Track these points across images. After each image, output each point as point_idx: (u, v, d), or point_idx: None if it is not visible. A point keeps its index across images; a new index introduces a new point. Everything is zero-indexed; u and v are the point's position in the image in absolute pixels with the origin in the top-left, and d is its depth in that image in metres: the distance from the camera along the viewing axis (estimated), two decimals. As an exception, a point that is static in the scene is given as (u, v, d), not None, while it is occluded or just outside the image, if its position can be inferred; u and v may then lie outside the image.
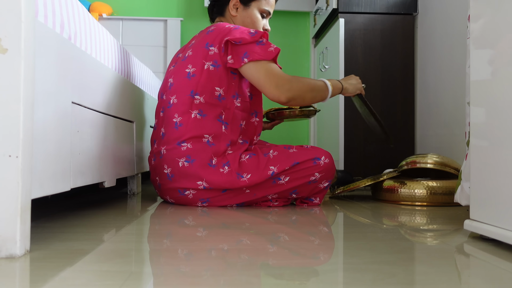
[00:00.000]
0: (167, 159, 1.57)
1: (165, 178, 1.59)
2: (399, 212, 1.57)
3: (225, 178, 1.53)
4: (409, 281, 0.75)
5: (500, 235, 0.96)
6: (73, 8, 1.23)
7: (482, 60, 1.05)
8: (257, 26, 1.77)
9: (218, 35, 1.61)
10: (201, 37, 1.66)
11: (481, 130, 1.05)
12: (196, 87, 1.59)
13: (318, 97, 1.65)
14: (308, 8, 3.41)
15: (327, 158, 1.62)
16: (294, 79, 1.59)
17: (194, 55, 1.62)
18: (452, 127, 2.19)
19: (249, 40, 1.55)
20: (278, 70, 1.58)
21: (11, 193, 0.82)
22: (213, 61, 1.59)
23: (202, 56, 1.60)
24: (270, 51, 1.57)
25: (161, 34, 3.41)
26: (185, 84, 1.60)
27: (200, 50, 1.62)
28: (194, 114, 1.57)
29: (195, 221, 1.29)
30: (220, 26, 1.64)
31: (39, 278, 0.72)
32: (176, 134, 1.57)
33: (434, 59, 2.40)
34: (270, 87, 1.56)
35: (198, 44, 1.64)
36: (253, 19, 1.76)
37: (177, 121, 1.58)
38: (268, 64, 1.57)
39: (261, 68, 1.56)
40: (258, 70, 1.56)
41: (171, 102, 1.62)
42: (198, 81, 1.59)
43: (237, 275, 0.75)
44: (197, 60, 1.61)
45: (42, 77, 0.97)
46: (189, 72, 1.61)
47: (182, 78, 1.62)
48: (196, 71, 1.60)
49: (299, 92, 1.58)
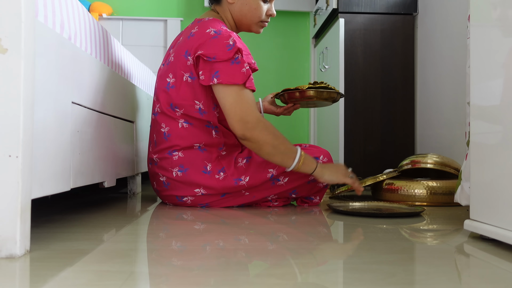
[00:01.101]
0: (161, 168, 1.56)
1: (162, 186, 1.58)
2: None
3: (222, 184, 1.52)
4: (409, 281, 0.75)
5: (500, 235, 0.96)
6: (73, 8, 1.23)
7: (482, 60, 1.05)
8: (259, 14, 1.60)
9: (195, 42, 1.49)
10: (183, 41, 1.55)
11: (481, 130, 1.05)
12: (174, 101, 1.51)
13: (277, 157, 1.45)
14: (308, 8, 3.41)
15: (325, 157, 1.61)
16: (262, 123, 1.44)
17: (175, 63, 1.53)
18: (452, 127, 2.19)
19: (223, 58, 1.42)
20: (248, 102, 1.44)
21: (11, 193, 0.82)
22: (189, 73, 1.50)
23: (181, 66, 1.51)
24: (242, 73, 1.43)
25: (161, 34, 3.41)
26: (164, 96, 1.54)
27: (180, 59, 1.52)
28: (180, 123, 1.52)
29: (195, 221, 1.29)
30: (201, 29, 1.51)
31: (39, 278, 0.72)
32: (166, 144, 1.54)
33: (434, 59, 2.40)
34: (234, 119, 1.43)
35: (179, 49, 1.54)
36: (252, 6, 1.59)
37: (165, 131, 1.54)
38: (240, 92, 1.44)
39: (230, 93, 1.44)
40: (227, 95, 1.44)
41: (156, 110, 1.57)
42: (177, 94, 1.51)
43: (237, 274, 0.75)
44: (177, 70, 1.52)
45: (42, 77, 0.97)
46: (168, 82, 1.53)
47: (163, 87, 1.55)
48: (176, 82, 1.52)
49: (260, 138, 1.43)
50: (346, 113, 2.57)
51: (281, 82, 3.53)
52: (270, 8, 1.64)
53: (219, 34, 1.47)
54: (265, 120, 1.47)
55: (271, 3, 1.64)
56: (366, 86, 2.59)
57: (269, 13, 1.64)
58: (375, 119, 2.58)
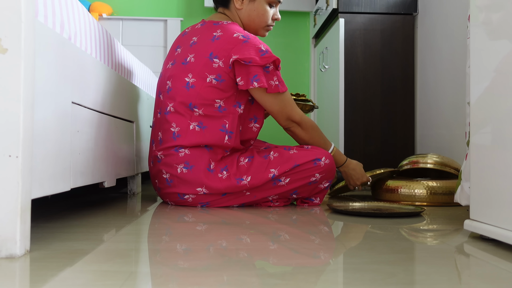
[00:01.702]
0: (165, 165, 1.55)
1: (164, 183, 1.58)
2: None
3: (225, 183, 1.52)
4: (409, 281, 0.75)
5: (500, 235, 0.96)
6: (73, 8, 1.23)
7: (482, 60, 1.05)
8: (266, 19, 1.66)
9: (224, 45, 1.52)
10: (206, 43, 1.56)
11: (481, 130, 1.05)
12: (195, 100, 1.52)
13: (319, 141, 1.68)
14: (308, 8, 3.42)
15: (327, 158, 1.61)
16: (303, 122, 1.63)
17: (196, 64, 1.54)
18: (452, 127, 2.19)
19: (259, 63, 1.50)
20: (291, 105, 1.61)
21: (11, 193, 0.82)
22: (216, 75, 1.52)
23: (205, 68, 1.52)
24: (275, 86, 1.55)
25: (161, 34, 3.41)
26: (184, 95, 1.54)
27: (203, 60, 1.53)
28: (193, 126, 1.52)
29: (195, 220, 1.29)
30: (227, 33, 1.54)
31: (39, 278, 0.72)
32: (173, 143, 1.53)
33: (434, 59, 2.40)
34: (282, 118, 1.62)
35: (201, 50, 1.55)
36: (260, 12, 1.65)
37: (175, 131, 1.53)
38: (280, 98, 1.58)
39: (274, 100, 1.57)
40: (272, 103, 1.58)
41: (168, 109, 1.56)
42: (198, 93, 1.52)
43: (237, 274, 0.75)
44: (199, 71, 1.53)
45: (42, 77, 0.97)
46: (188, 82, 1.53)
47: (180, 86, 1.55)
48: (196, 82, 1.52)
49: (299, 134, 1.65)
50: (346, 113, 2.57)
51: (281, 82, 3.53)
52: (276, 13, 1.70)
53: (248, 38, 1.54)
54: (306, 119, 1.65)
55: (276, 8, 1.70)
56: (366, 86, 2.59)
57: (275, 18, 1.70)
58: (375, 119, 2.58)
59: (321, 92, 3.11)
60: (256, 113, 1.64)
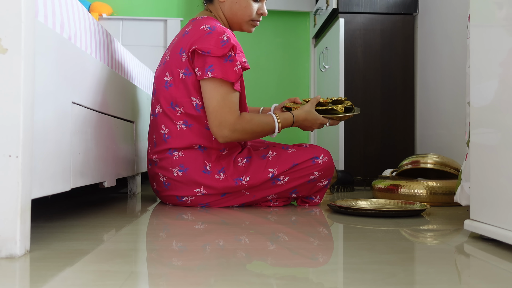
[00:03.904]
0: (161, 168, 1.56)
1: (162, 186, 1.58)
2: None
3: (222, 184, 1.52)
4: (409, 281, 0.75)
5: (500, 235, 0.96)
6: (73, 8, 1.23)
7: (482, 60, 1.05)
8: (249, 13, 1.61)
9: (190, 39, 1.51)
10: (178, 39, 1.57)
11: (481, 130, 1.05)
12: (174, 99, 1.53)
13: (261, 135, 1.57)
14: (308, 8, 3.41)
15: (325, 156, 1.61)
16: (239, 125, 1.48)
17: (170, 61, 1.55)
18: (452, 127, 2.19)
19: (217, 53, 1.44)
20: (230, 107, 1.48)
21: (11, 193, 0.82)
22: (184, 69, 1.51)
23: (176, 64, 1.53)
24: (234, 72, 1.46)
25: (161, 34, 3.41)
26: (165, 95, 1.54)
27: (175, 57, 1.54)
28: (179, 125, 1.53)
29: (196, 221, 1.29)
30: (196, 26, 1.53)
31: (39, 278, 0.72)
32: (165, 146, 1.54)
33: (434, 59, 2.40)
34: (213, 122, 1.48)
35: (174, 48, 1.56)
36: (242, 5, 1.60)
37: (165, 133, 1.54)
38: (227, 94, 1.47)
39: (217, 93, 1.47)
40: (213, 94, 1.47)
41: (157, 111, 1.58)
42: (176, 92, 1.52)
43: (237, 275, 0.75)
44: (173, 68, 1.53)
45: (42, 77, 0.97)
46: (166, 81, 1.54)
47: (161, 87, 1.56)
48: (173, 80, 1.53)
49: (238, 137, 1.50)
50: (346, 113, 2.56)
51: (281, 82, 3.53)
52: (261, 7, 1.64)
53: (213, 30, 1.49)
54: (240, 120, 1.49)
55: (263, 2, 1.64)
56: (366, 86, 2.59)
57: (260, 12, 1.64)
58: (375, 119, 2.58)
59: (321, 92, 3.11)
60: (240, 108, 1.58)
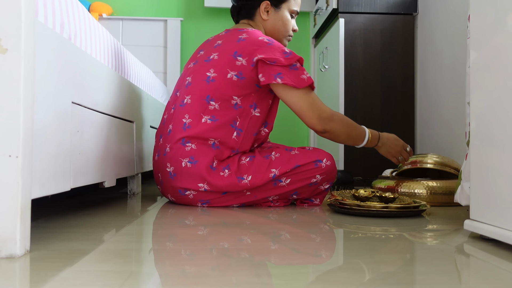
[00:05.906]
0: (171, 158, 1.57)
1: (167, 176, 1.59)
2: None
3: (226, 181, 1.53)
4: (409, 281, 0.75)
5: (500, 235, 0.96)
6: (73, 8, 1.23)
7: (482, 60, 1.05)
8: (288, 28, 1.75)
9: (249, 46, 1.57)
10: (231, 44, 1.61)
11: (481, 130, 1.05)
12: (213, 93, 1.56)
13: (351, 142, 1.63)
14: (308, 8, 3.42)
15: (328, 160, 1.62)
16: (336, 116, 1.59)
17: (219, 61, 1.59)
18: (452, 127, 2.19)
19: (284, 63, 1.52)
20: (319, 102, 1.58)
21: (11, 193, 0.82)
22: (238, 72, 1.56)
23: (228, 64, 1.57)
24: (303, 79, 1.54)
25: (161, 34, 3.41)
26: (203, 87, 1.58)
27: (227, 58, 1.58)
28: (205, 119, 1.55)
29: (196, 220, 1.29)
30: (253, 36, 1.60)
31: (39, 278, 0.72)
32: (182, 134, 1.56)
33: (434, 59, 2.40)
34: (313, 118, 1.56)
35: (226, 49, 1.61)
36: (284, 22, 1.73)
37: (186, 122, 1.56)
38: (309, 94, 1.56)
39: (302, 97, 1.55)
40: (300, 99, 1.55)
41: (185, 102, 1.60)
42: (217, 88, 1.56)
43: (239, 274, 0.75)
44: (221, 67, 1.57)
45: (42, 77, 0.97)
46: (209, 76, 1.58)
47: (200, 80, 1.59)
48: (217, 77, 1.57)
49: (337, 129, 1.58)
50: (346, 113, 2.56)
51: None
52: (294, 24, 1.79)
53: (273, 42, 1.59)
54: (336, 112, 1.61)
55: (294, 19, 1.80)
56: (366, 86, 2.59)
57: (294, 28, 1.79)
58: (375, 119, 2.58)
59: (321, 92, 3.11)
60: (268, 119, 1.68)
